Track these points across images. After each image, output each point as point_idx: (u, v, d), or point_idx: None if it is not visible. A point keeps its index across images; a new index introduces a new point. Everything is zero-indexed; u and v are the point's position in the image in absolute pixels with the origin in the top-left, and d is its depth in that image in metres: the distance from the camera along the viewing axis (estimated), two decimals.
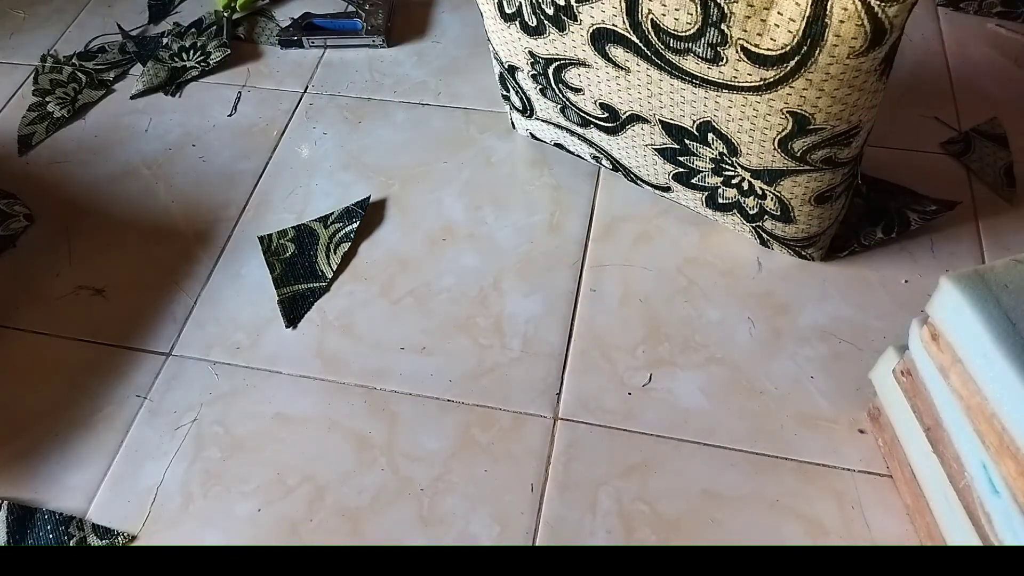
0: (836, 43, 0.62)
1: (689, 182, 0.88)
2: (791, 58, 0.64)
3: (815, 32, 0.62)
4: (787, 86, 0.67)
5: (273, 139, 1.10)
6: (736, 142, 0.76)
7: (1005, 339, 0.55)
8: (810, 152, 0.73)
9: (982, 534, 0.60)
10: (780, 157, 0.74)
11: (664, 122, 0.80)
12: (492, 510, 0.76)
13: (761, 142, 0.74)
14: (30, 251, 0.99)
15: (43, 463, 0.81)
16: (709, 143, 0.79)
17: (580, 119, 0.89)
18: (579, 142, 0.95)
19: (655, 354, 0.85)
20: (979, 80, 1.09)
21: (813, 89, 0.66)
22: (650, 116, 0.80)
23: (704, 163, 0.83)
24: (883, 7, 0.59)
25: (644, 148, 0.86)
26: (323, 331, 0.90)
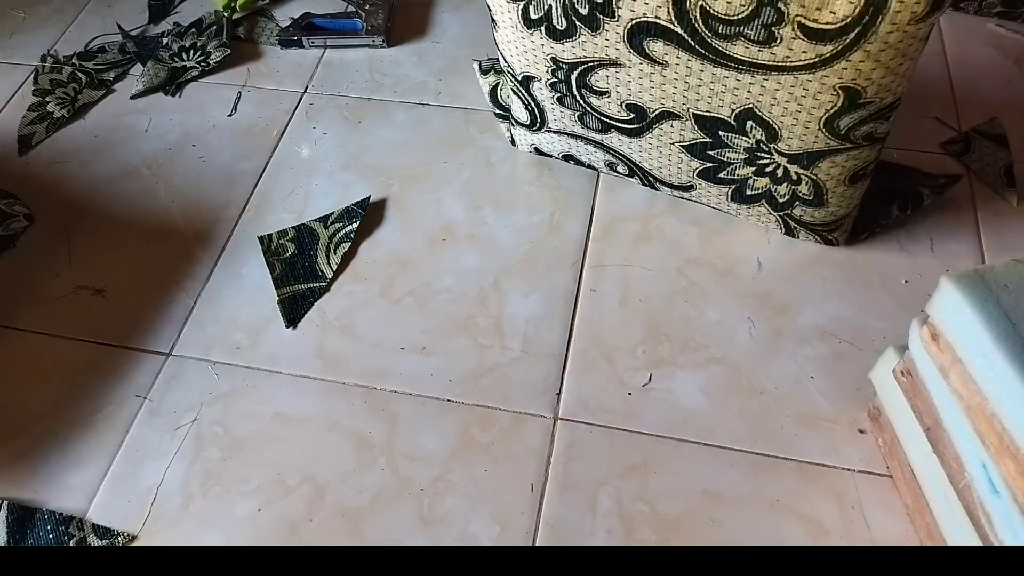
0: (899, 9, 0.62)
1: (716, 177, 0.88)
2: (851, 30, 0.65)
3: (876, 1, 0.63)
4: (844, 60, 0.67)
5: (273, 139, 1.10)
6: (778, 127, 0.76)
7: (1005, 339, 0.55)
8: (854, 129, 0.74)
9: (982, 534, 0.60)
10: (824, 137, 0.75)
11: (698, 116, 0.80)
12: (492, 510, 0.76)
13: (806, 123, 0.74)
14: (30, 251, 0.99)
15: (43, 463, 0.81)
16: (746, 132, 0.79)
17: (600, 124, 0.88)
18: (594, 150, 0.95)
19: (655, 354, 0.85)
20: (979, 80, 1.09)
21: (870, 61, 0.67)
22: (683, 111, 0.80)
23: (737, 154, 0.83)
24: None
25: (670, 147, 0.86)
26: (323, 331, 0.90)
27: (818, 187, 0.82)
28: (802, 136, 0.76)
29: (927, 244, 0.92)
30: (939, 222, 0.94)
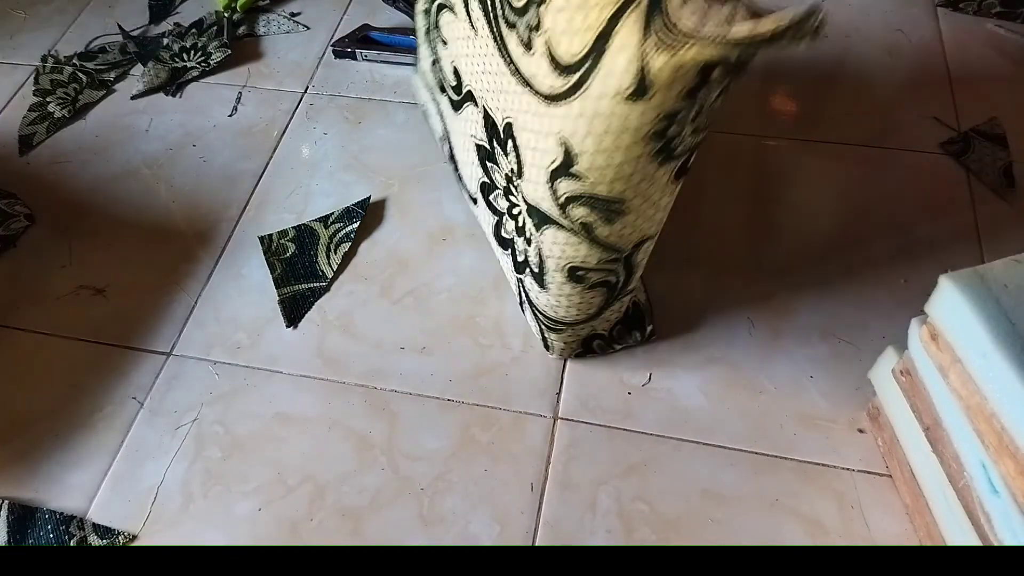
0: (608, 72, 0.55)
1: (488, 198, 0.82)
2: (576, 71, 0.57)
3: (599, 50, 0.55)
4: (566, 105, 0.59)
5: (273, 139, 1.10)
6: (523, 160, 0.68)
7: (1005, 339, 0.55)
8: (571, 202, 0.65)
9: (981, 534, 0.61)
10: (548, 196, 0.66)
11: (486, 111, 0.73)
12: (492, 510, 0.76)
13: (538, 167, 0.66)
14: (30, 251, 0.99)
15: (43, 463, 0.82)
16: (508, 153, 0.71)
17: (438, 81, 0.82)
18: (434, 113, 0.89)
19: (655, 354, 0.86)
20: (979, 80, 1.09)
21: (584, 120, 0.59)
22: (479, 98, 0.74)
23: (500, 178, 0.76)
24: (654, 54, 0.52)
25: (469, 139, 0.79)
26: (323, 331, 0.90)
27: (542, 261, 0.73)
28: (535, 183, 0.67)
29: (926, 244, 0.93)
30: (939, 222, 0.94)
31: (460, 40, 0.74)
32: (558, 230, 0.68)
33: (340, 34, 1.23)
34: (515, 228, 0.78)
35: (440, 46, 0.79)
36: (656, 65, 0.52)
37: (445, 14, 0.76)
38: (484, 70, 0.71)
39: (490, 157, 0.77)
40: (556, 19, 0.58)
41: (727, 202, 0.98)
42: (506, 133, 0.71)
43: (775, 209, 0.97)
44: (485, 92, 0.73)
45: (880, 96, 1.09)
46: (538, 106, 0.63)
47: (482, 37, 0.69)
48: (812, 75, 1.12)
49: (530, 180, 0.68)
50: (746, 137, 1.05)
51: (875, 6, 1.21)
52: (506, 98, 0.69)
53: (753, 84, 1.11)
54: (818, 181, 1.00)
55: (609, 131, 0.58)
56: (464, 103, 0.78)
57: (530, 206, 0.70)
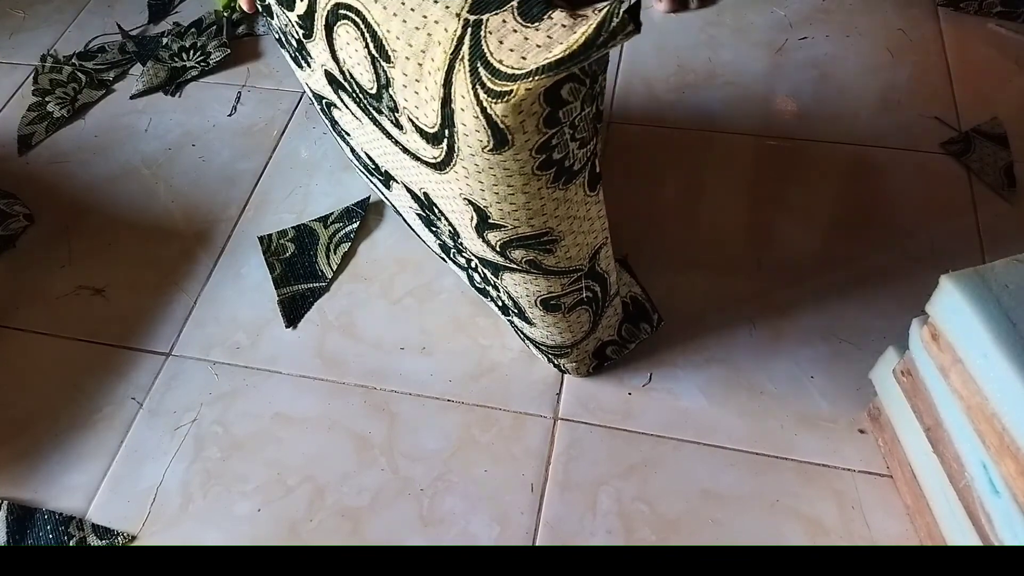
0: (465, 132, 0.53)
1: (450, 255, 0.81)
2: (443, 139, 0.56)
3: (448, 115, 0.54)
4: (452, 169, 0.58)
5: (273, 139, 1.10)
6: (452, 222, 0.68)
7: (1005, 339, 0.55)
8: (508, 249, 0.64)
9: (982, 534, 0.60)
10: (484, 247, 0.65)
11: (406, 185, 0.72)
12: (492, 510, 0.76)
13: (465, 227, 0.65)
14: (30, 251, 0.99)
15: (43, 463, 0.81)
16: (439, 217, 0.71)
17: (363, 166, 0.82)
18: (377, 193, 0.90)
19: (655, 354, 0.85)
20: (979, 80, 1.09)
21: (473, 179, 0.57)
22: (396, 175, 0.73)
23: (447, 239, 0.75)
24: (491, 103, 0.50)
25: (409, 210, 0.79)
26: (323, 331, 0.90)
27: (516, 303, 0.73)
28: (470, 239, 0.66)
29: (927, 244, 0.92)
30: (939, 222, 0.94)
31: (355, 130, 0.74)
32: (511, 273, 0.68)
33: None
34: (481, 279, 0.78)
35: (346, 136, 0.80)
36: (499, 113, 0.50)
37: (334, 110, 0.76)
38: (383, 152, 0.71)
39: (430, 223, 0.76)
40: (406, 96, 0.56)
41: (727, 202, 0.98)
42: (428, 201, 0.70)
43: (775, 209, 0.97)
44: (395, 170, 0.72)
45: (881, 96, 1.09)
46: (434, 175, 0.62)
47: (366, 124, 0.69)
48: (813, 74, 1.12)
49: (466, 238, 0.68)
50: (746, 137, 1.05)
51: (876, 6, 1.21)
52: (411, 173, 0.68)
53: (754, 84, 1.11)
54: (818, 181, 1.00)
55: (499, 181, 0.56)
56: (389, 181, 0.77)
57: (479, 259, 0.70)
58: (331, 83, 0.69)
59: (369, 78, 0.59)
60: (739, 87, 1.11)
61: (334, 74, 0.66)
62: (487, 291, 0.80)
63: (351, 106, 0.69)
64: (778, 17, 1.21)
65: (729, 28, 1.19)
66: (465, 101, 0.51)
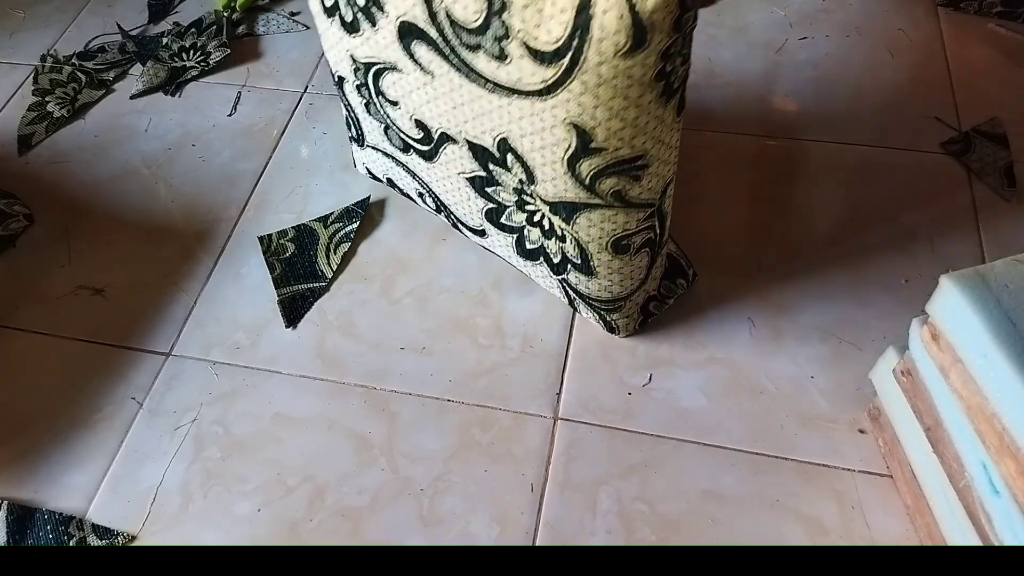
0: (602, 36, 0.56)
1: (499, 221, 0.82)
2: (565, 54, 0.59)
3: (584, 22, 0.56)
4: (565, 89, 0.61)
5: (273, 139, 1.10)
6: (531, 165, 0.70)
7: (1005, 339, 0.55)
8: (598, 179, 0.66)
9: (982, 534, 0.60)
10: (571, 184, 0.68)
11: (470, 142, 0.74)
12: (492, 510, 0.76)
13: (552, 163, 0.67)
14: (30, 251, 0.99)
15: (43, 463, 0.81)
16: (509, 167, 0.73)
17: (401, 142, 0.82)
18: (405, 174, 0.90)
19: (655, 354, 0.85)
20: (979, 80, 1.09)
21: (589, 95, 0.60)
22: (457, 135, 0.74)
23: (508, 195, 0.77)
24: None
25: (457, 178, 0.80)
26: (323, 331, 0.90)
27: (582, 249, 0.74)
28: (553, 180, 0.69)
29: (927, 244, 0.92)
30: (939, 222, 0.94)
31: (415, 92, 0.74)
32: (591, 212, 0.70)
33: None
34: (541, 234, 0.79)
35: (390, 110, 0.80)
36: (649, 7, 0.54)
37: (387, 76, 0.76)
38: (454, 105, 0.72)
39: (489, 182, 0.78)
40: (524, 17, 0.59)
41: (727, 202, 0.98)
42: (502, 150, 0.71)
43: (775, 209, 0.97)
44: (462, 125, 0.73)
45: (881, 96, 1.09)
46: (532, 105, 0.64)
47: (441, 76, 0.70)
48: (813, 74, 1.12)
49: (545, 180, 0.70)
50: (746, 137, 1.05)
51: (876, 5, 1.21)
52: (490, 118, 0.69)
53: (754, 84, 1.11)
54: (818, 181, 1.00)
55: (617, 93, 0.60)
56: (440, 148, 0.78)
57: (553, 204, 0.72)
58: (404, 37, 0.69)
59: (475, 9, 0.61)
60: (739, 87, 1.11)
61: (415, 23, 0.67)
62: (540, 250, 0.81)
63: (424, 58, 0.70)
64: (778, 17, 1.21)
65: (729, 28, 1.19)
66: (610, 2, 0.55)
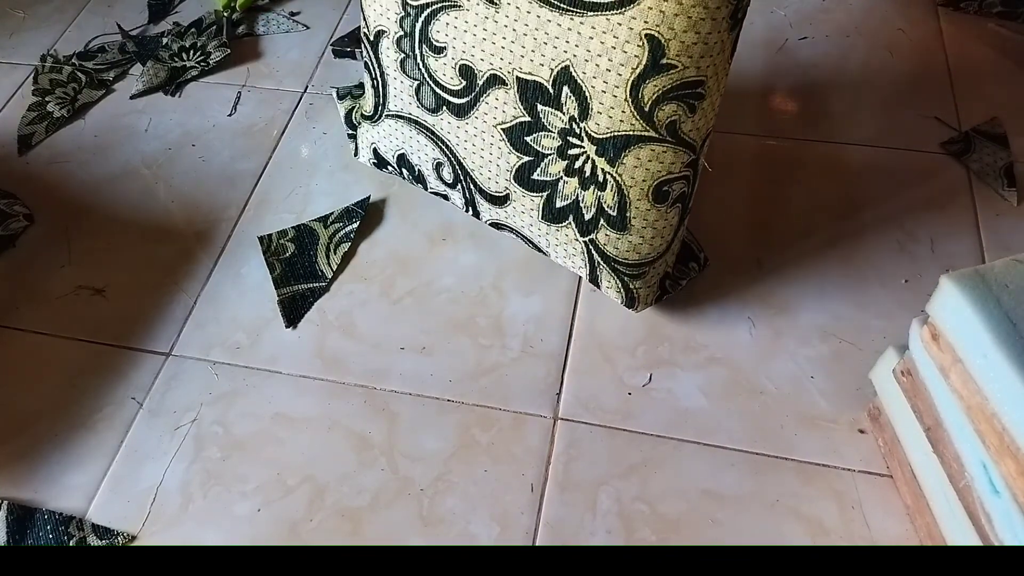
0: None
1: (530, 178, 0.83)
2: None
3: None
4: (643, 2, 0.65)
5: (273, 139, 1.10)
6: (589, 94, 0.73)
7: (1005, 339, 0.55)
8: (658, 105, 0.70)
9: (982, 534, 0.60)
10: (629, 112, 0.71)
11: (521, 80, 0.76)
12: (492, 510, 0.76)
13: (615, 88, 0.71)
14: (30, 251, 0.99)
15: (43, 463, 0.81)
16: (562, 104, 0.76)
17: (434, 100, 0.84)
18: (425, 143, 0.90)
19: (655, 354, 0.85)
20: (979, 80, 1.09)
21: (671, 2, 0.65)
22: (509, 74, 0.77)
23: (552, 140, 0.79)
24: None
25: (493, 131, 0.82)
26: (323, 331, 0.90)
27: (622, 196, 0.77)
28: (610, 110, 0.72)
29: (927, 244, 0.92)
30: (939, 222, 0.94)
31: (472, 30, 0.76)
32: (642, 147, 0.73)
33: (340, 33, 1.23)
34: (578, 185, 0.80)
35: (432, 60, 0.81)
36: None
37: (441, 17, 0.78)
38: (515, 38, 0.74)
39: (532, 128, 0.80)
40: None
41: (727, 202, 0.98)
42: (559, 83, 0.74)
43: (775, 209, 0.97)
44: (518, 61, 0.76)
45: (881, 96, 1.09)
46: (608, 21, 0.68)
47: (508, 5, 0.73)
48: (813, 74, 1.12)
49: (602, 111, 0.72)
50: (746, 137, 1.05)
51: (876, 5, 1.21)
52: (555, 46, 0.72)
53: (754, 84, 1.11)
54: (818, 181, 1.00)
55: (698, 1, 0.64)
56: (481, 96, 0.80)
57: (602, 141, 0.74)
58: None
59: None
60: (739, 87, 1.11)
61: None
62: (571, 207, 0.82)
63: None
64: (778, 17, 1.21)
65: None
66: None
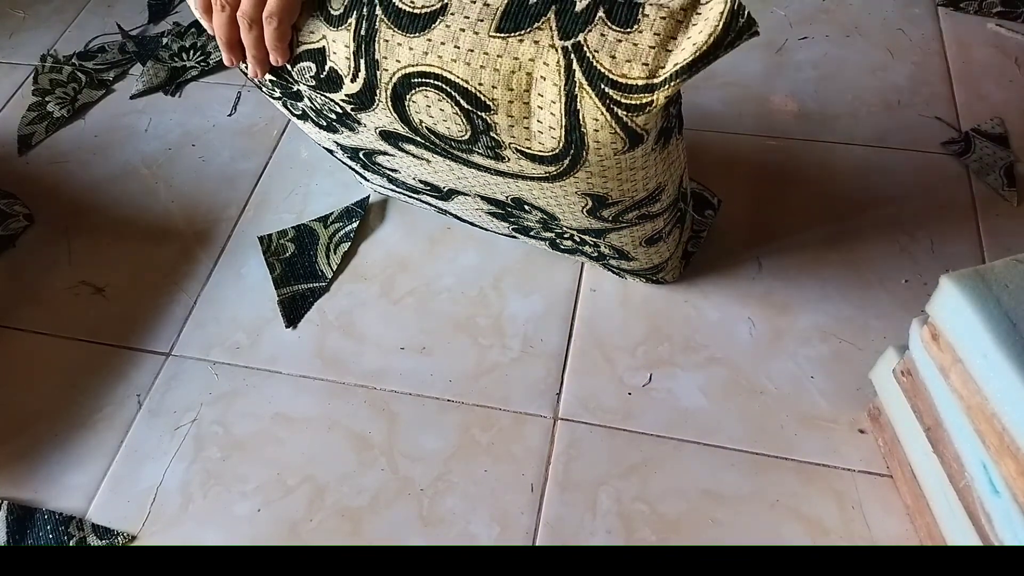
0: (598, 147, 0.57)
1: (528, 235, 0.86)
2: (564, 158, 0.60)
3: (576, 139, 0.57)
4: (571, 176, 0.63)
5: (273, 139, 1.10)
6: (552, 213, 0.73)
7: (1005, 339, 0.55)
8: (621, 216, 0.70)
9: (982, 534, 0.60)
10: (594, 222, 0.72)
11: (482, 196, 0.76)
12: (492, 510, 0.76)
13: (574, 213, 0.71)
14: (30, 251, 0.99)
15: (43, 463, 0.81)
16: (529, 212, 0.76)
17: (409, 188, 0.85)
18: (423, 206, 0.93)
19: (655, 354, 0.85)
20: (979, 80, 1.09)
21: (596, 177, 0.62)
22: (468, 191, 0.76)
23: (533, 223, 0.80)
24: (631, 117, 0.54)
25: (477, 212, 0.83)
26: (323, 331, 0.90)
27: (617, 249, 0.79)
28: (576, 220, 0.72)
29: (927, 244, 0.92)
30: (939, 222, 0.94)
31: (415, 166, 0.75)
32: (619, 231, 0.74)
33: None
34: (573, 243, 0.82)
35: (389, 172, 0.81)
36: (640, 123, 0.54)
37: (379, 157, 0.77)
38: (459, 177, 0.73)
39: (510, 216, 0.80)
40: (513, 134, 0.59)
41: (727, 202, 0.98)
42: (517, 203, 0.74)
43: (775, 209, 0.97)
44: (470, 189, 0.75)
45: (881, 96, 1.09)
46: (541, 185, 0.66)
47: (437, 162, 0.71)
48: (813, 75, 1.12)
49: (569, 222, 0.73)
50: (746, 137, 1.05)
51: (876, 5, 1.21)
52: (500, 187, 0.70)
53: (754, 84, 1.11)
54: (818, 181, 1.00)
55: (624, 169, 0.61)
56: (451, 196, 0.80)
57: (583, 230, 0.75)
58: (388, 139, 0.70)
59: (459, 130, 0.61)
60: (739, 87, 1.11)
61: (398, 132, 0.67)
62: (579, 250, 0.85)
63: (415, 151, 0.70)
64: (778, 17, 1.21)
65: None
66: (599, 123, 0.55)
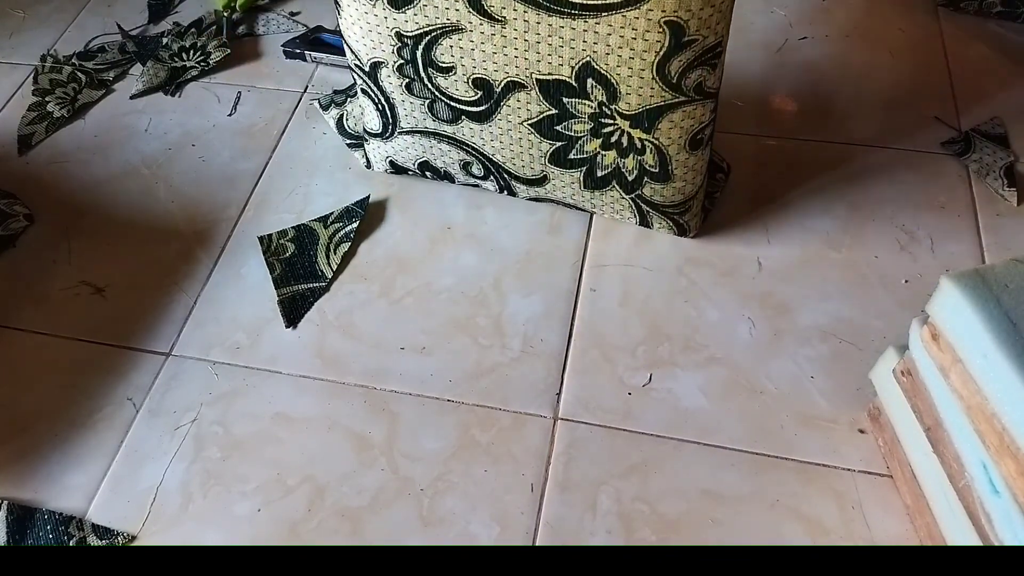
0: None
1: (566, 159, 0.86)
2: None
3: None
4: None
5: (273, 139, 1.10)
6: (615, 81, 0.76)
7: (1005, 339, 0.55)
8: (684, 76, 0.74)
9: (982, 534, 0.60)
10: (658, 88, 0.75)
11: (542, 81, 0.78)
12: (492, 510, 0.76)
13: (640, 72, 0.74)
14: (30, 251, 0.99)
15: (43, 463, 0.81)
16: (588, 93, 0.78)
17: (450, 112, 0.85)
18: (448, 149, 0.92)
19: (655, 354, 0.85)
20: (979, 80, 1.09)
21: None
22: (527, 78, 0.79)
23: (582, 124, 0.82)
24: None
25: (519, 128, 0.84)
26: (323, 331, 0.90)
27: (662, 155, 0.81)
28: (639, 89, 0.76)
29: (927, 244, 0.92)
30: (939, 222, 0.94)
31: (479, 47, 0.77)
32: (674, 111, 0.77)
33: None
34: (617, 155, 0.83)
35: (441, 79, 0.83)
36: None
37: (443, 42, 0.79)
38: (528, 47, 0.76)
39: (563, 117, 0.82)
40: None
41: (727, 202, 0.98)
42: (583, 76, 0.76)
43: (775, 209, 0.97)
44: (535, 66, 0.77)
45: (881, 96, 1.09)
46: (623, 17, 0.71)
47: (514, 20, 0.74)
48: (813, 74, 1.12)
49: (631, 92, 0.76)
50: (746, 137, 1.05)
51: (876, 5, 1.21)
52: (571, 47, 0.74)
53: (754, 84, 1.11)
54: (818, 181, 1.00)
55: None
56: (502, 100, 0.82)
57: (635, 116, 0.77)
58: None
59: None
60: (739, 87, 1.11)
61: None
62: (613, 174, 0.86)
63: (495, 6, 0.74)
64: (778, 17, 1.21)
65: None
66: None
